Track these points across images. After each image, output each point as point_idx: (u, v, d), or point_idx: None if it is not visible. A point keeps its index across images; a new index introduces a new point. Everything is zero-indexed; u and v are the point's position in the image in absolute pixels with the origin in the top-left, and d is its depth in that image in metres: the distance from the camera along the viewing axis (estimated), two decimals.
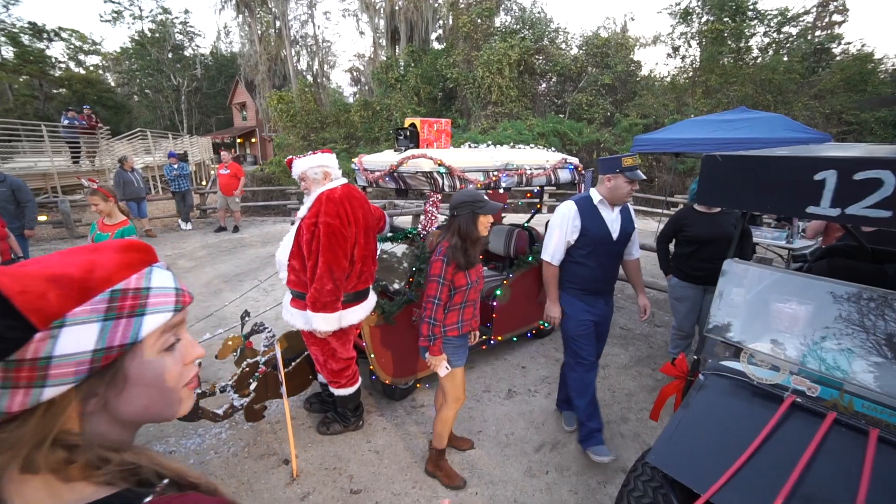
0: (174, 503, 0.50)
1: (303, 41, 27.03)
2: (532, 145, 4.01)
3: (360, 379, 2.82)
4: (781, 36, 14.37)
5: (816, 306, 1.72)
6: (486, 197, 2.27)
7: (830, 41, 14.15)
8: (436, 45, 21.11)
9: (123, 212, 3.55)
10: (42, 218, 8.24)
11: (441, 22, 21.33)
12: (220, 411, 2.65)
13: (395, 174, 3.22)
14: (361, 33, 30.81)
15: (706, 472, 1.55)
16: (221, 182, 8.96)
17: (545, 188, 4.13)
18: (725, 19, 13.51)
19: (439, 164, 3.02)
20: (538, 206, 4.69)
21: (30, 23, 25.43)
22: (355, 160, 3.72)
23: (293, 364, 2.95)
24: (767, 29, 14.27)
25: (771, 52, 14.24)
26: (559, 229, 2.54)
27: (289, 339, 3.08)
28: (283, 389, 2.55)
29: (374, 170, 3.44)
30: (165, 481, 0.52)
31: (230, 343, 2.83)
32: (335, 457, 2.73)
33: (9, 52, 24.82)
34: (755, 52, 14.36)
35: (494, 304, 3.53)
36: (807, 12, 14.23)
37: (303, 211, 2.49)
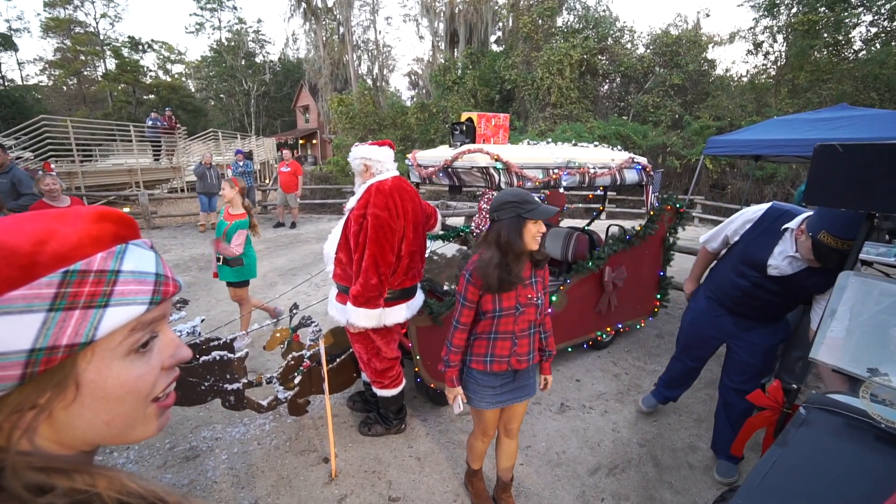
0: None
1: (364, 46, 27.97)
2: (595, 143, 3.73)
3: (404, 381, 2.71)
4: (895, 24, 12.53)
5: None
6: (537, 199, 1.84)
7: None
8: (494, 48, 20.95)
9: (245, 206, 3.74)
10: (126, 210, 9.00)
11: (501, 24, 21.15)
12: (264, 402, 2.65)
13: (450, 169, 3.08)
14: (421, 37, 31.30)
15: None
16: (282, 179, 9.33)
17: (609, 190, 3.84)
18: (822, 9, 12.07)
19: (496, 160, 2.85)
20: (601, 208, 4.37)
21: (129, 37, 28.37)
22: (409, 156, 3.64)
23: (338, 360, 2.90)
24: (875, 17, 12.47)
25: (878, 44, 12.30)
26: (730, 222, 2.39)
27: (335, 335, 3.03)
28: (325, 385, 2.49)
29: (428, 165, 3.32)
30: None
31: (278, 335, 2.83)
32: (375, 460, 2.63)
33: (111, 64, 27.78)
34: (857, 45, 12.65)
35: (549, 311, 3.30)
36: None
37: (352, 202, 2.42)
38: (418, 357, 2.76)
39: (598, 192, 4.01)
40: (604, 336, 3.80)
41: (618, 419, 3.03)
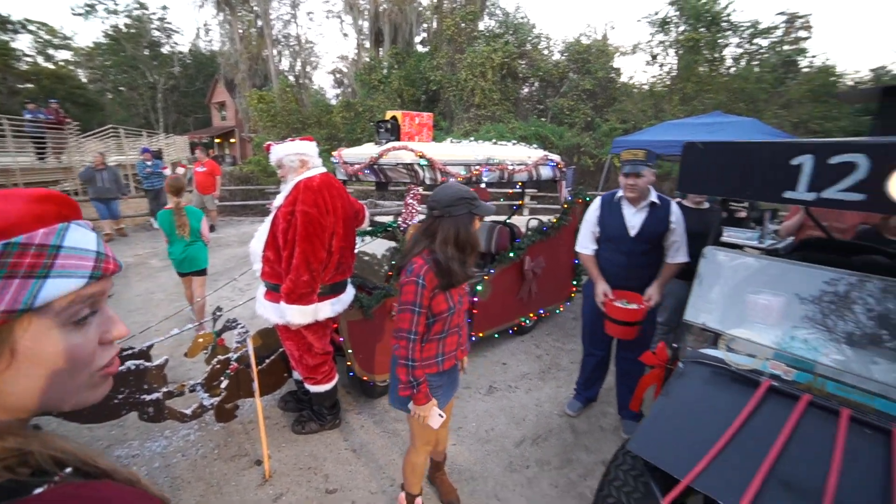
0: (81, 492, 0.42)
1: (285, 41, 26.73)
2: (514, 142, 4.00)
3: (337, 375, 2.74)
4: (753, 47, 14.95)
5: (793, 293, 1.74)
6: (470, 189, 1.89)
7: (797, 54, 14.80)
8: (420, 48, 21.13)
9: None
10: None
11: (425, 25, 21.38)
12: (188, 411, 2.54)
13: (376, 166, 3.16)
14: (345, 35, 30.50)
15: (685, 458, 1.54)
16: (197, 180, 8.73)
17: (526, 185, 4.14)
18: (701, 29, 13.94)
19: (420, 156, 2.97)
20: (520, 203, 4.68)
21: None
22: (335, 153, 3.65)
23: (267, 361, 2.85)
24: (740, 40, 14.84)
25: (743, 63, 14.81)
26: (585, 221, 2.76)
27: (263, 337, 2.98)
28: (256, 386, 2.45)
29: (354, 162, 3.37)
30: (68, 470, 0.43)
31: (201, 340, 2.72)
32: (310, 456, 2.64)
33: None
34: (729, 62, 14.91)
35: (475, 300, 3.49)
36: (776, 27, 14.84)
37: (279, 199, 2.41)
38: (350, 351, 2.81)
39: (517, 188, 4.30)
40: (526, 321, 4.09)
41: (540, 395, 3.30)
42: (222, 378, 2.66)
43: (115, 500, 0.43)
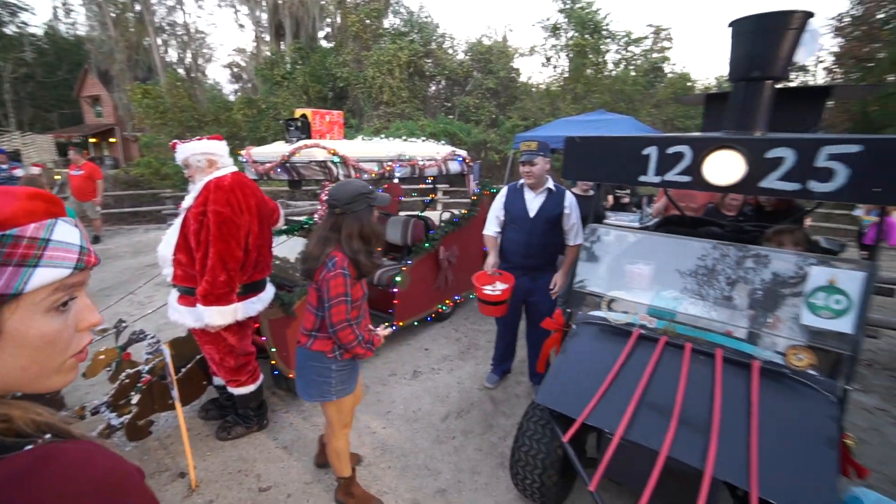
0: (66, 447, 0.47)
1: (171, 30, 24.22)
2: (423, 139, 4.21)
3: (261, 375, 2.73)
4: (629, 53, 16.95)
5: (657, 259, 2.15)
6: (371, 184, 2.10)
7: (662, 61, 17.10)
8: (324, 44, 20.50)
9: None
10: None
11: (329, 20, 20.78)
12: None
13: (288, 165, 3.16)
14: (241, 26, 28.52)
15: (580, 401, 1.86)
16: (74, 186, 7.69)
17: (437, 180, 4.37)
18: (587, 35, 15.42)
19: (333, 154, 3.04)
20: (431, 195, 4.93)
21: None
22: (243, 152, 3.56)
23: (183, 370, 2.75)
24: (618, 47, 16.76)
25: (622, 67, 16.70)
26: (493, 207, 3.08)
27: (177, 346, 2.85)
28: (175, 392, 2.36)
29: (265, 161, 3.32)
30: (47, 435, 0.48)
31: (102, 357, 2.53)
32: (239, 459, 2.61)
33: None
34: (610, 66, 16.69)
35: (395, 290, 3.65)
36: (646, 37, 17.10)
37: (188, 200, 2.35)
38: (273, 349, 2.81)
39: (428, 182, 4.53)
40: (444, 308, 4.35)
41: (461, 374, 3.57)
42: (132, 393, 2.52)
43: (95, 455, 0.49)
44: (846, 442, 1.71)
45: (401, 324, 3.83)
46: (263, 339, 2.78)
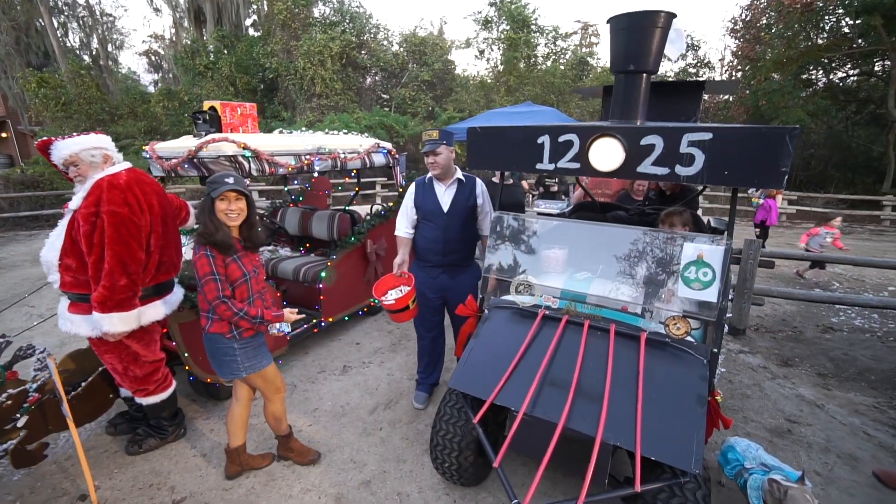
0: None
1: (70, 11, 21.77)
2: (345, 131, 4.14)
3: (174, 382, 2.59)
4: (557, 48, 17.61)
5: (563, 243, 2.28)
6: (231, 175, 1.99)
7: (589, 56, 17.98)
8: (252, 32, 19.39)
9: None
10: None
11: (255, 6, 19.66)
12: None
13: (196, 160, 2.98)
14: (157, 10, 25.92)
15: (490, 383, 1.94)
16: None
17: (362, 173, 4.32)
18: (518, 30, 15.83)
19: (243, 148, 2.92)
20: (356, 189, 4.86)
21: None
22: (146, 148, 3.31)
23: (83, 385, 2.54)
24: (547, 41, 17.34)
25: (551, 61, 17.32)
26: (402, 205, 2.87)
27: (77, 359, 2.64)
28: (66, 408, 2.18)
29: (170, 157, 3.11)
30: None
31: None
32: (152, 473, 2.47)
33: None
34: (540, 60, 17.25)
35: (321, 286, 3.59)
36: (574, 32, 17.82)
37: (76, 201, 2.16)
38: (186, 354, 2.67)
39: (353, 176, 4.47)
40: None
41: (392, 366, 3.59)
42: (18, 416, 2.29)
43: None
44: (716, 399, 1.93)
45: (330, 319, 3.78)
46: (174, 343, 2.63)
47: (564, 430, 1.69)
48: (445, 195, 2.73)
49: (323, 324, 3.67)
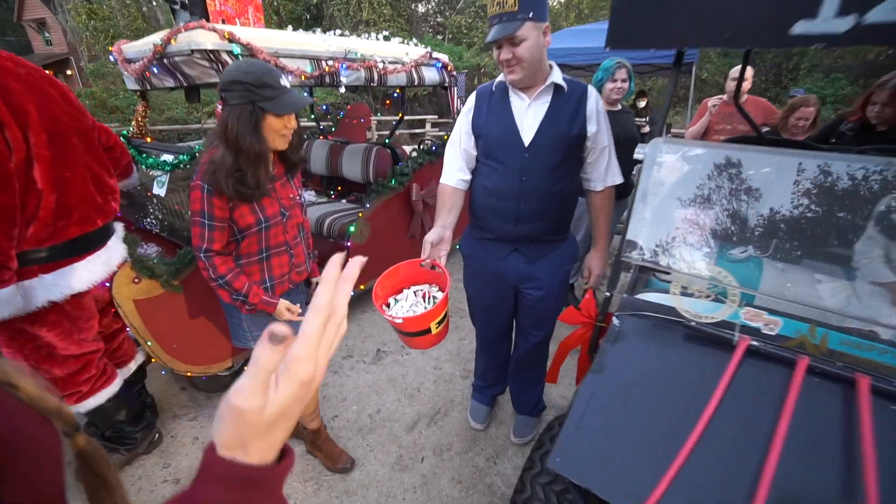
0: None
1: None
2: (385, 34, 3.03)
3: (118, 377, 1.80)
4: None
5: (768, 201, 1.17)
6: (284, 80, 1.30)
7: None
8: None
9: None
10: None
11: None
12: None
13: (165, 60, 2.06)
14: None
15: (635, 478, 0.96)
16: None
17: (407, 90, 3.24)
18: None
19: (228, 39, 1.94)
20: (400, 115, 3.73)
21: None
22: (113, 49, 2.43)
23: None
24: None
25: None
26: (454, 132, 1.66)
27: None
28: None
29: (137, 58, 2.22)
30: None
31: None
32: None
33: None
34: None
35: (349, 244, 2.68)
36: None
37: None
38: (150, 342, 1.88)
39: (395, 95, 3.39)
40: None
41: (440, 353, 2.69)
42: None
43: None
44: None
45: (361, 287, 2.90)
46: (127, 328, 1.84)
47: None
48: (529, 115, 1.48)
49: (353, 293, 2.80)
